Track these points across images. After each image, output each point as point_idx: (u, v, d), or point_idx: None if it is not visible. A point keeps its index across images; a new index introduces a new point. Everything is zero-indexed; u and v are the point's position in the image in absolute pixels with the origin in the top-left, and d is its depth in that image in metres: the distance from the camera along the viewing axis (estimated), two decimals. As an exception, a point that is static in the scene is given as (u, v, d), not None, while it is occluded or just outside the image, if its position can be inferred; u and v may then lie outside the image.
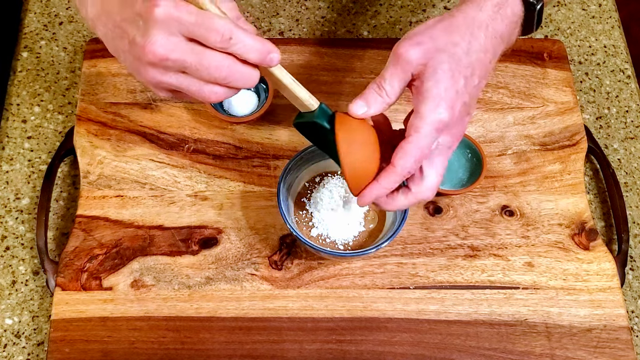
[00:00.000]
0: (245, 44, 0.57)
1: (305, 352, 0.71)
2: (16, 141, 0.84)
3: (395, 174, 0.62)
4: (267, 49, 0.57)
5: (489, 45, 0.63)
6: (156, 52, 0.56)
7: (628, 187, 0.85)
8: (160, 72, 0.58)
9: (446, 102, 0.61)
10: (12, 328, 0.74)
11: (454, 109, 0.61)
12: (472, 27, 0.63)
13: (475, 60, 0.62)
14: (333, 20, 0.94)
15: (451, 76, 0.61)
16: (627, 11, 1.07)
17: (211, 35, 0.56)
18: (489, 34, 0.63)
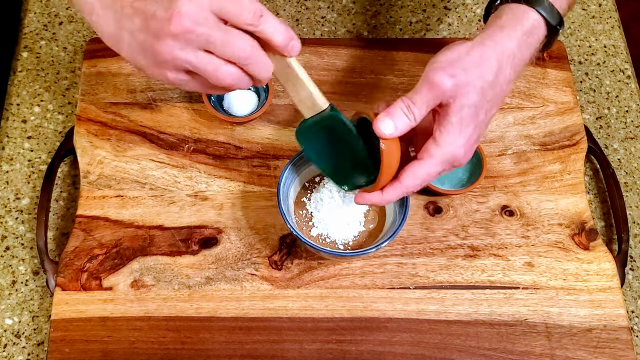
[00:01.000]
0: (274, 24, 0.57)
1: (305, 352, 0.71)
2: (16, 141, 0.84)
3: (399, 190, 0.65)
4: (291, 35, 0.58)
5: (513, 75, 0.65)
6: (184, 22, 0.54)
7: (628, 187, 0.85)
8: (179, 46, 0.55)
9: (464, 137, 0.63)
10: (12, 328, 0.74)
11: (468, 143, 0.64)
12: (501, 59, 0.64)
13: (499, 92, 0.64)
14: (333, 20, 0.94)
15: (474, 112, 0.63)
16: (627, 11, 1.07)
17: (243, 11, 0.55)
18: (515, 63, 0.65)
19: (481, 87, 0.63)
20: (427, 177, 0.64)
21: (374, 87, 0.86)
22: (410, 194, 0.68)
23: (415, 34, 0.94)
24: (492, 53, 0.64)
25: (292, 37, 0.58)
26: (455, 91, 0.62)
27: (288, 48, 0.58)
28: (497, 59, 0.63)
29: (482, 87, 0.63)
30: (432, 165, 0.64)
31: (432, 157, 0.63)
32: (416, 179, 0.64)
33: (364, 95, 0.85)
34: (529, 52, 0.66)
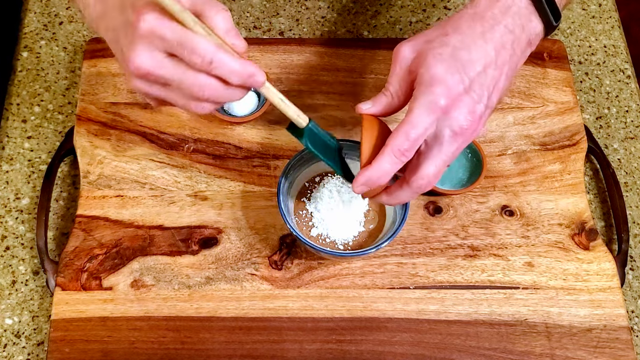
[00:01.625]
0: (227, 68, 0.56)
1: (305, 352, 0.71)
2: (16, 141, 0.84)
3: (388, 154, 0.60)
4: (250, 72, 0.57)
5: (490, 35, 0.61)
6: (139, 67, 0.56)
7: (628, 187, 0.85)
8: (146, 85, 0.58)
9: (440, 85, 0.59)
10: (12, 328, 0.74)
11: (450, 92, 0.59)
12: (468, 20, 0.62)
13: (475, 47, 0.61)
14: (333, 20, 0.94)
15: (442, 60, 0.60)
16: (627, 11, 1.07)
17: (192, 57, 0.56)
18: (487, 24, 0.61)
19: (443, 41, 0.60)
20: (411, 132, 0.59)
21: (374, 87, 0.86)
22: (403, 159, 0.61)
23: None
24: (456, 17, 0.62)
25: (252, 74, 0.57)
26: (415, 50, 0.61)
27: (248, 84, 0.58)
28: (460, 19, 0.62)
29: (445, 41, 0.60)
30: (412, 117, 0.59)
31: (411, 110, 0.59)
32: (400, 135, 0.59)
33: (364, 95, 0.85)
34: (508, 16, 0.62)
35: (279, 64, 0.87)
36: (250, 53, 0.87)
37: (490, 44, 0.61)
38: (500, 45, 0.61)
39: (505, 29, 0.62)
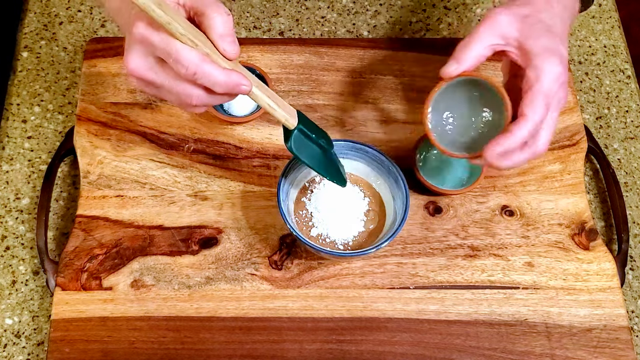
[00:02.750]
0: (210, 79, 0.58)
1: (305, 352, 0.71)
2: (16, 141, 0.84)
3: (528, 122, 0.64)
4: (234, 82, 0.59)
5: (561, 14, 0.69)
6: (132, 70, 0.60)
7: (628, 187, 0.85)
8: (142, 85, 0.61)
9: (556, 55, 0.65)
10: (12, 328, 0.74)
11: (563, 62, 0.65)
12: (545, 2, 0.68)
13: (558, 24, 0.68)
14: (333, 20, 0.94)
15: (545, 34, 0.66)
16: (627, 11, 1.07)
17: (177, 66, 0.58)
18: (558, 3, 0.69)
19: (539, 18, 0.67)
20: (545, 100, 0.64)
21: (374, 87, 0.86)
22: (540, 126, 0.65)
23: (415, 34, 0.94)
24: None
25: (237, 84, 0.59)
26: (515, 22, 0.66)
27: (234, 92, 0.60)
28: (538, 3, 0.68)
29: (540, 18, 0.67)
30: (543, 86, 0.64)
31: (539, 79, 0.64)
32: (537, 105, 0.64)
33: (364, 95, 0.85)
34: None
35: (279, 64, 0.87)
36: (250, 53, 0.87)
37: (564, 22, 0.69)
38: (565, 23, 0.70)
39: (566, 7, 0.70)
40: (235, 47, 0.60)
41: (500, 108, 0.67)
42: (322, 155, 0.69)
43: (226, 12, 0.59)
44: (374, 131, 0.83)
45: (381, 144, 0.82)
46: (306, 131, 0.67)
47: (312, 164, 0.69)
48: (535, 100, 0.64)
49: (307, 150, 0.68)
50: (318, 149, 0.69)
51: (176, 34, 0.57)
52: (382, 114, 0.84)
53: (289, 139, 0.66)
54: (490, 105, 0.70)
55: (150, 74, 0.60)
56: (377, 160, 0.75)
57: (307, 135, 0.67)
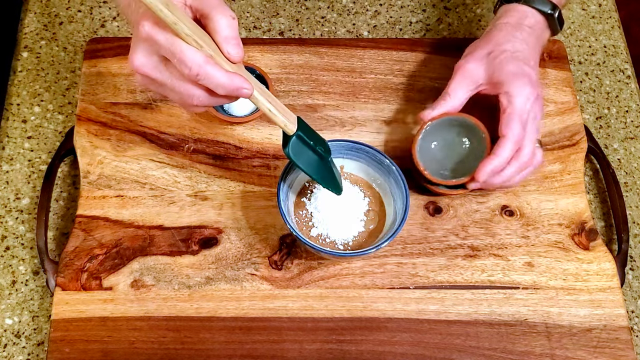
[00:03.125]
0: (213, 81, 0.59)
1: (305, 352, 0.71)
2: (16, 141, 0.84)
3: (508, 142, 0.72)
4: (236, 85, 0.59)
5: (528, 39, 0.76)
6: (137, 68, 0.60)
7: (628, 187, 0.85)
8: (146, 82, 0.62)
9: (524, 77, 0.73)
10: (12, 328, 0.74)
11: (532, 81, 0.73)
12: (509, 30, 0.77)
13: (524, 49, 0.75)
14: (333, 20, 0.94)
15: (511, 61, 0.74)
16: (627, 11, 1.07)
17: (181, 67, 0.58)
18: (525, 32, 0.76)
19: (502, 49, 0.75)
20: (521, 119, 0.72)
21: (374, 87, 0.86)
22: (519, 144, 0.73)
23: (415, 34, 0.94)
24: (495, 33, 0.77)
25: (238, 87, 0.59)
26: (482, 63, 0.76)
27: (235, 95, 0.61)
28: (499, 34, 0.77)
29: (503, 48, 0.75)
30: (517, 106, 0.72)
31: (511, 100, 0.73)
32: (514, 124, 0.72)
33: (364, 95, 0.85)
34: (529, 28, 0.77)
35: (279, 64, 0.87)
36: (250, 53, 0.87)
37: (530, 45, 0.76)
38: (533, 46, 0.77)
39: (534, 36, 0.77)
40: (239, 50, 0.60)
41: (479, 136, 0.76)
42: (319, 163, 0.69)
43: (231, 15, 0.60)
44: (374, 131, 0.83)
45: (381, 144, 0.82)
46: (305, 138, 0.67)
47: (308, 170, 0.69)
48: (511, 121, 0.72)
49: (305, 157, 0.68)
50: (315, 156, 0.69)
51: (182, 34, 0.57)
52: (382, 114, 0.84)
53: (287, 145, 0.66)
54: (471, 135, 0.78)
55: (154, 72, 0.61)
56: (377, 160, 0.75)
57: (305, 142, 0.67)
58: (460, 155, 0.79)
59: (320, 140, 0.70)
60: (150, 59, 0.60)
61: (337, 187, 0.73)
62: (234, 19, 0.60)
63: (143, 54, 0.60)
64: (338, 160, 0.77)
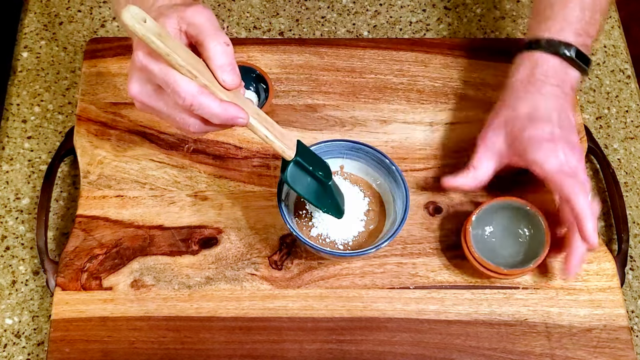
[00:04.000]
0: (207, 111, 0.59)
1: (305, 352, 0.71)
2: (16, 141, 0.84)
3: (579, 195, 0.67)
4: (231, 115, 0.59)
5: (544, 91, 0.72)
6: (133, 96, 0.61)
7: (628, 187, 0.85)
8: (143, 108, 0.62)
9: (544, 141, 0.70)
10: (12, 328, 0.74)
11: (553, 138, 0.70)
12: (521, 87, 0.74)
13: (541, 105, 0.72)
14: (333, 20, 0.94)
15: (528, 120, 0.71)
16: (627, 11, 1.07)
17: (175, 97, 0.58)
18: (538, 84, 0.73)
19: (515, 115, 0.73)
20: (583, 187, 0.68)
21: (374, 87, 0.86)
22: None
23: (415, 34, 0.94)
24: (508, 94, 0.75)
25: (233, 117, 0.59)
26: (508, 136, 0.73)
27: (230, 124, 0.60)
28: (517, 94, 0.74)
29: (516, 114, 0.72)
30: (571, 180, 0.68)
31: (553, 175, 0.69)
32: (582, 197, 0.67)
33: (364, 95, 0.85)
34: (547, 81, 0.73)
35: (279, 64, 0.87)
36: (250, 53, 0.87)
37: (549, 97, 0.72)
38: (555, 96, 0.72)
39: (552, 84, 0.73)
40: (234, 77, 0.60)
41: (537, 223, 0.74)
42: (319, 188, 0.69)
43: (226, 41, 0.60)
44: (374, 131, 0.83)
45: (381, 144, 0.82)
46: (303, 163, 0.66)
47: (307, 196, 0.68)
48: (562, 180, 0.68)
49: (303, 182, 0.67)
50: (315, 182, 0.68)
51: (175, 65, 0.57)
52: (382, 114, 0.84)
53: (285, 170, 0.66)
54: (528, 221, 0.75)
55: (150, 100, 0.61)
56: (377, 160, 0.75)
57: (304, 168, 0.67)
58: (517, 243, 0.75)
59: (321, 164, 0.69)
60: (145, 87, 0.60)
61: (339, 211, 0.72)
62: (228, 45, 0.59)
63: (138, 82, 0.60)
64: (338, 160, 0.77)
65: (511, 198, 0.75)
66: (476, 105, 0.85)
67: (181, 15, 0.59)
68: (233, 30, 0.93)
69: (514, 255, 0.74)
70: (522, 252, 0.74)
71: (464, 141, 0.82)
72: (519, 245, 0.75)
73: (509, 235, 0.76)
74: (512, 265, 0.72)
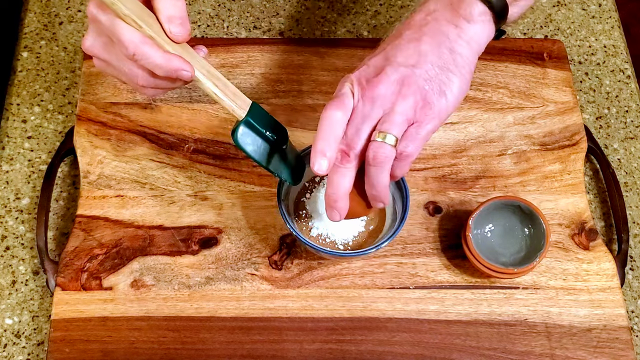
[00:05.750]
0: (150, 62, 0.58)
1: (305, 352, 0.71)
2: (16, 141, 0.84)
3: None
4: (174, 67, 0.59)
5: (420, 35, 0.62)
6: (87, 49, 0.62)
7: (628, 187, 0.85)
8: (97, 63, 0.63)
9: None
10: (12, 328, 0.74)
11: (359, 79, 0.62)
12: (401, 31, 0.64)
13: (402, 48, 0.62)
14: (333, 20, 0.94)
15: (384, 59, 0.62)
16: (627, 11, 1.07)
17: (119, 47, 0.58)
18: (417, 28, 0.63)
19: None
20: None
21: (374, 87, 0.85)
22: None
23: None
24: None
25: (177, 68, 0.59)
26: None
27: (175, 76, 0.59)
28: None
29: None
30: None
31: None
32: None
33: (364, 95, 0.85)
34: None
35: (279, 64, 0.87)
36: (250, 53, 0.87)
37: (425, 40, 0.62)
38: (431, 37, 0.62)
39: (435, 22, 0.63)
40: (181, 29, 0.59)
41: (537, 223, 0.73)
42: (273, 152, 0.66)
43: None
44: (374, 131, 0.83)
45: (381, 144, 0.82)
46: (255, 124, 0.64)
47: (258, 158, 0.65)
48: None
49: (255, 144, 0.65)
50: (267, 145, 0.66)
51: (120, 14, 0.57)
52: (382, 114, 0.84)
53: (235, 131, 0.64)
54: (528, 221, 0.75)
55: (102, 52, 0.61)
56: (377, 160, 0.75)
57: (256, 130, 0.64)
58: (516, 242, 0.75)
59: (277, 128, 0.66)
60: (97, 39, 0.61)
61: (294, 177, 0.69)
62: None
63: (92, 35, 0.61)
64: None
65: (511, 197, 0.75)
66: (476, 105, 0.85)
67: None
68: (233, 30, 0.93)
69: (514, 254, 0.75)
70: (522, 251, 0.75)
71: (464, 141, 0.82)
72: (519, 245, 0.75)
73: (509, 235, 0.76)
74: (512, 265, 0.73)
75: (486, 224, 0.76)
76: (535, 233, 0.74)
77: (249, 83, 0.85)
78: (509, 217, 0.76)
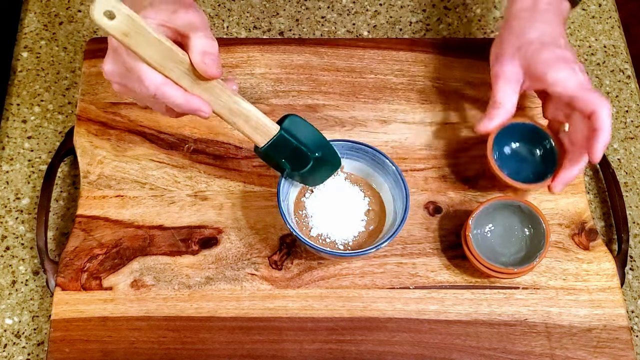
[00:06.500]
0: (170, 101, 0.62)
1: (305, 352, 0.71)
2: (16, 141, 0.84)
3: (604, 110, 0.68)
4: (193, 107, 0.62)
5: (550, 18, 0.74)
6: (106, 74, 0.64)
7: (628, 187, 0.85)
8: (116, 87, 0.66)
9: (560, 62, 0.71)
10: (12, 328, 0.74)
11: (566, 59, 0.71)
12: (527, 15, 0.75)
13: (550, 30, 0.74)
14: (333, 20, 0.94)
15: (541, 46, 0.72)
16: (627, 11, 1.07)
17: (140, 85, 0.61)
18: (542, 12, 0.75)
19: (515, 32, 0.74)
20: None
21: (374, 87, 0.86)
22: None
23: (415, 34, 0.94)
24: (515, 22, 0.75)
25: (195, 110, 0.62)
26: (524, 63, 0.73)
27: (194, 115, 0.63)
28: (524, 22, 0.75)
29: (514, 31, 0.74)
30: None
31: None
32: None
33: (364, 95, 0.85)
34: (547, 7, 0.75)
35: (279, 64, 0.87)
36: (250, 53, 0.87)
37: (554, 24, 0.74)
38: (557, 23, 0.75)
39: (553, 12, 0.75)
40: (215, 64, 0.61)
41: (537, 223, 0.74)
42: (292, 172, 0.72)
43: (212, 37, 0.61)
44: (374, 131, 0.83)
45: (381, 144, 0.82)
46: (271, 155, 0.70)
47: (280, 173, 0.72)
48: (586, 94, 0.69)
49: (274, 166, 0.72)
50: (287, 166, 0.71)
51: (142, 58, 0.59)
52: (382, 114, 0.84)
53: (256, 150, 0.70)
54: (528, 221, 0.75)
55: (122, 80, 0.64)
56: (377, 160, 0.75)
57: (274, 157, 0.70)
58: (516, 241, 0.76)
59: (298, 156, 0.70)
60: (117, 67, 0.63)
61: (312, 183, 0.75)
62: (214, 40, 0.61)
63: (111, 62, 0.63)
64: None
65: (511, 198, 0.75)
66: (476, 105, 0.85)
67: (175, 10, 0.61)
68: (233, 30, 0.93)
69: (514, 254, 0.75)
70: (522, 251, 0.75)
71: (464, 141, 0.82)
72: (519, 245, 0.75)
73: (509, 235, 0.76)
74: (512, 265, 0.73)
75: (486, 224, 0.76)
76: (535, 233, 0.74)
77: (249, 83, 0.85)
78: (509, 217, 0.76)
